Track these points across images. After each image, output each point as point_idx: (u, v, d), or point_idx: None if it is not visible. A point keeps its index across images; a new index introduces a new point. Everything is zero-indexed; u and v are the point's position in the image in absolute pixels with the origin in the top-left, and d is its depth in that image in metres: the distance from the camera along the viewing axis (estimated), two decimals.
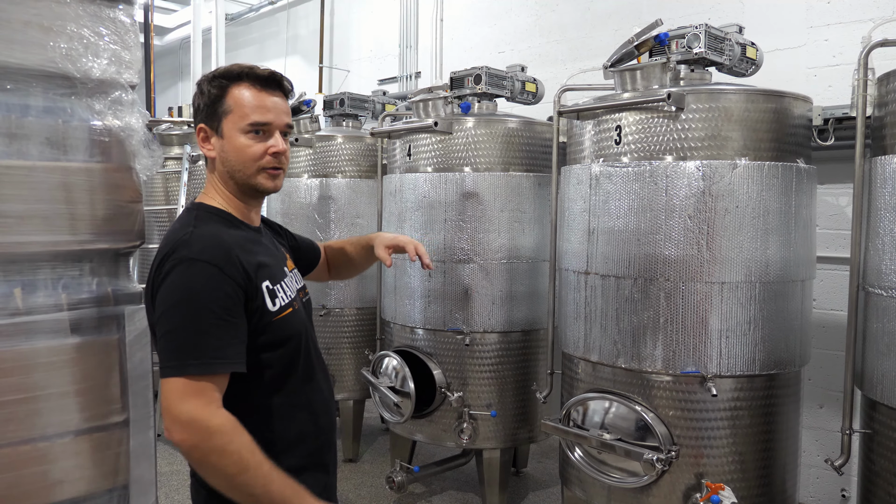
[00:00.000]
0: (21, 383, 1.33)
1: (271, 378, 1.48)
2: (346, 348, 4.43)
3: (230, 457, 1.30)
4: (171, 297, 1.36)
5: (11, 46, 1.35)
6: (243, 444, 1.32)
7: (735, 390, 2.62)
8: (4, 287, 1.33)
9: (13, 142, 1.35)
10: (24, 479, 1.33)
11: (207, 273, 1.36)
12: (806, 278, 2.75)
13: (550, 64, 4.85)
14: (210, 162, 1.55)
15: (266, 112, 1.49)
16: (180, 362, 1.32)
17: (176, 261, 1.37)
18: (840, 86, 3.42)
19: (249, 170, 1.50)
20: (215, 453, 1.29)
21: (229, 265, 1.38)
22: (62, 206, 1.40)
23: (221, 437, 1.30)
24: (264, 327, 1.44)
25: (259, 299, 1.43)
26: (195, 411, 1.30)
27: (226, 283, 1.36)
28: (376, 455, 4.59)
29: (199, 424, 1.29)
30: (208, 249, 1.38)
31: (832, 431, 3.50)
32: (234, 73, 1.50)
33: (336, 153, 4.42)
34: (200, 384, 1.31)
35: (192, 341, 1.33)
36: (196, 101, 1.54)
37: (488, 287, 3.47)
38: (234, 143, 1.49)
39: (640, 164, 2.66)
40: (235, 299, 1.38)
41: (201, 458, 1.30)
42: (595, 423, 2.77)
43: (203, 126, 1.52)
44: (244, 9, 7.91)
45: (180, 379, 1.31)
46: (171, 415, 1.30)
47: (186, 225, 1.46)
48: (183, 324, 1.34)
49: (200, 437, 1.29)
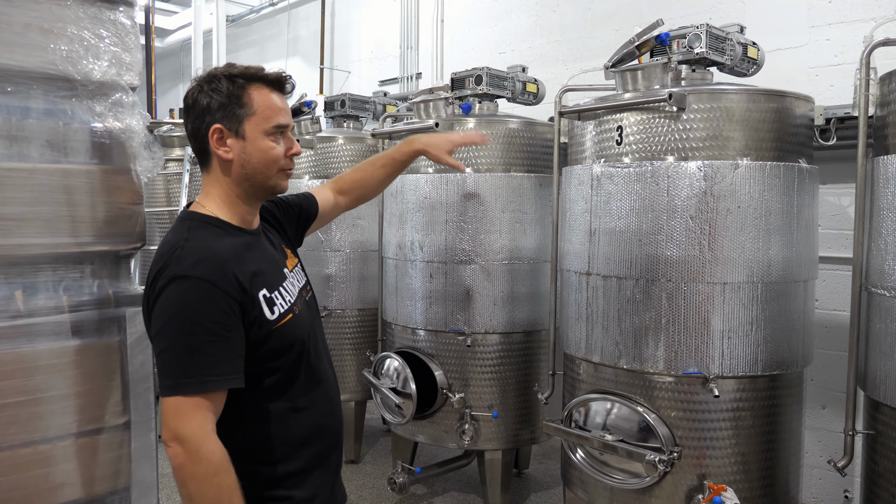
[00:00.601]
0: (22, 386, 1.33)
1: (275, 384, 1.47)
2: (348, 349, 4.43)
3: (208, 489, 1.31)
4: (164, 314, 1.35)
5: (12, 49, 1.35)
6: (225, 484, 1.32)
7: (737, 391, 2.61)
8: (5, 289, 1.33)
9: (14, 144, 1.35)
10: (26, 482, 1.33)
11: (200, 289, 1.34)
12: (808, 278, 2.74)
13: (551, 64, 4.85)
14: (221, 164, 1.49)
15: (287, 114, 1.51)
16: (176, 381, 1.32)
17: (168, 278, 1.36)
18: (842, 85, 3.41)
19: (272, 171, 1.50)
20: (196, 480, 1.30)
21: (223, 279, 1.37)
22: (63, 209, 1.40)
23: (207, 467, 1.31)
24: (264, 337, 1.43)
25: (256, 310, 1.42)
26: (188, 432, 1.30)
27: (219, 299, 1.35)
28: (378, 456, 4.58)
29: (189, 446, 1.30)
30: (200, 264, 1.36)
31: (834, 432, 3.49)
32: (252, 74, 1.48)
33: (337, 154, 4.42)
34: (196, 403, 1.32)
35: (186, 360, 1.33)
36: (204, 99, 1.46)
37: (490, 288, 3.46)
38: (259, 145, 1.47)
39: (641, 165, 2.65)
40: (230, 313, 1.36)
41: (183, 478, 1.31)
42: (597, 424, 2.77)
43: (219, 127, 1.46)
44: (245, 10, 7.91)
45: (176, 397, 1.31)
46: (168, 431, 1.31)
47: (179, 238, 1.43)
48: (177, 342, 1.33)
49: (187, 459, 1.30)
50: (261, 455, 1.46)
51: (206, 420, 1.33)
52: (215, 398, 1.35)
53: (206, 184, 1.54)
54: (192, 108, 1.49)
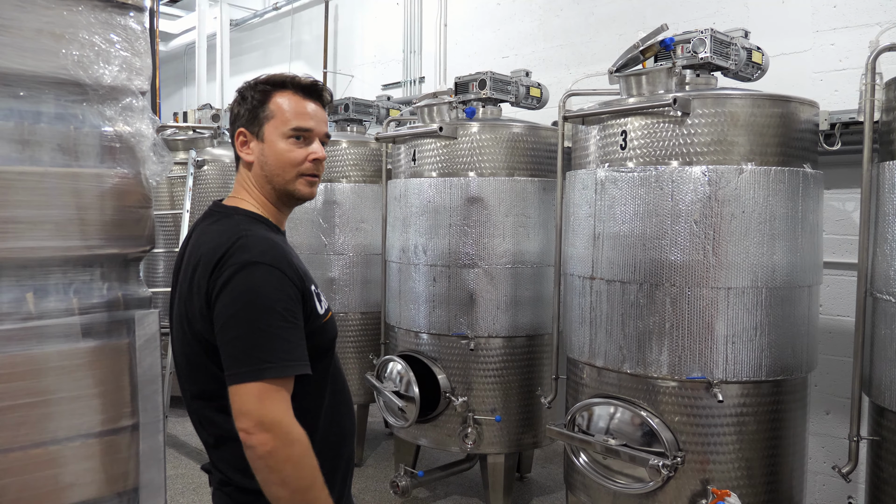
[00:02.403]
0: (33, 387, 1.34)
1: (318, 381, 1.48)
2: (351, 353, 4.43)
3: (303, 470, 1.30)
4: (238, 301, 1.33)
5: (24, 54, 1.36)
6: (316, 464, 1.33)
7: (741, 396, 2.61)
8: (17, 292, 1.34)
9: (26, 148, 1.36)
10: (36, 483, 1.34)
11: (271, 275, 1.35)
12: (813, 284, 2.74)
13: (554, 69, 4.86)
14: (246, 166, 1.53)
15: (308, 118, 1.51)
16: (256, 367, 1.30)
17: (237, 266, 1.35)
18: (846, 90, 3.41)
19: (288, 175, 1.50)
20: (291, 463, 1.29)
21: (289, 268, 1.39)
22: (73, 212, 1.41)
23: (300, 448, 1.31)
24: (316, 330, 1.44)
25: (311, 302, 1.44)
26: (279, 415, 1.29)
27: (287, 286, 1.36)
28: (380, 459, 4.58)
29: (281, 429, 1.29)
30: (268, 252, 1.38)
31: (838, 438, 3.48)
32: (278, 80, 1.51)
33: (341, 158, 4.43)
34: (278, 387, 1.31)
35: (266, 344, 1.31)
36: (236, 107, 1.54)
37: (493, 292, 3.47)
38: (275, 147, 1.49)
39: (645, 169, 2.66)
40: (296, 301, 1.38)
41: (275, 464, 1.29)
42: (600, 428, 2.77)
43: (243, 130, 1.51)
44: (248, 14, 7.94)
45: (258, 383, 1.29)
46: (254, 418, 1.28)
47: (237, 229, 1.42)
48: (253, 328, 1.32)
49: (281, 443, 1.28)
50: None
51: (289, 405, 1.32)
52: (290, 385, 1.34)
53: (237, 184, 1.57)
54: (230, 117, 1.57)
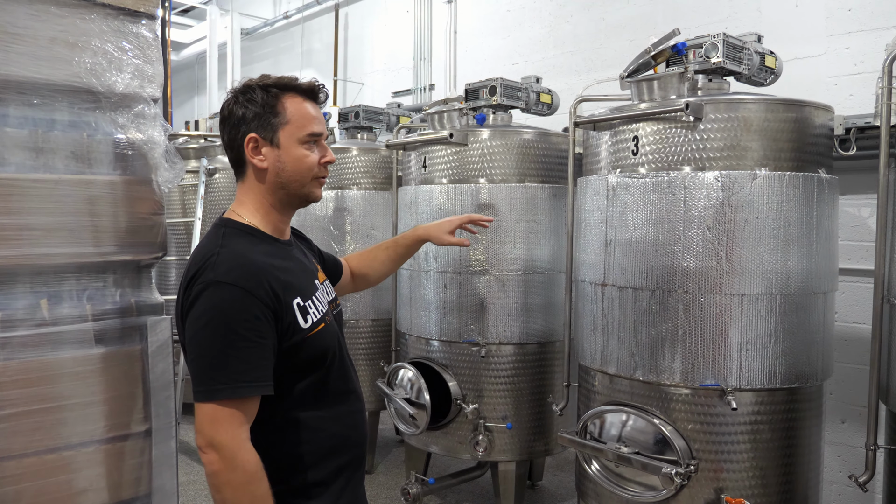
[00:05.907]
0: (47, 393, 1.34)
1: (306, 392, 1.48)
2: (362, 360, 4.43)
3: (243, 497, 1.32)
4: (199, 321, 1.36)
5: (38, 62, 1.37)
6: (259, 492, 1.34)
7: (755, 404, 2.58)
8: (31, 298, 1.35)
9: (40, 156, 1.37)
10: (50, 488, 1.35)
11: (234, 296, 1.35)
12: (828, 290, 2.71)
13: (565, 75, 4.86)
14: (256, 172, 1.51)
15: (319, 123, 1.53)
16: (208, 387, 1.33)
17: (203, 284, 1.37)
18: (862, 94, 3.38)
19: (306, 179, 1.52)
20: (231, 487, 1.32)
21: (257, 286, 1.38)
22: (86, 219, 1.42)
23: (242, 475, 1.32)
24: (298, 345, 1.44)
25: (290, 317, 1.43)
26: (223, 439, 1.32)
27: (253, 305, 1.36)
28: (391, 467, 4.57)
29: (225, 453, 1.31)
30: (234, 270, 1.38)
31: (854, 447, 3.43)
32: (284, 83, 1.51)
33: (351, 165, 4.44)
34: (230, 410, 1.33)
35: (219, 365, 1.34)
36: (239, 109, 1.49)
37: (504, 298, 3.46)
38: (293, 153, 1.49)
39: (657, 175, 2.64)
40: (264, 320, 1.37)
41: (218, 484, 1.33)
42: (612, 436, 2.74)
43: (255, 136, 1.48)
44: (259, 23, 8.01)
45: (210, 404, 1.32)
46: (205, 437, 1.32)
47: (214, 244, 1.45)
48: (211, 348, 1.34)
49: (222, 466, 1.31)
50: (290, 463, 1.46)
51: (241, 428, 1.34)
52: (249, 405, 1.36)
53: (241, 192, 1.56)
54: (228, 119, 1.52)
